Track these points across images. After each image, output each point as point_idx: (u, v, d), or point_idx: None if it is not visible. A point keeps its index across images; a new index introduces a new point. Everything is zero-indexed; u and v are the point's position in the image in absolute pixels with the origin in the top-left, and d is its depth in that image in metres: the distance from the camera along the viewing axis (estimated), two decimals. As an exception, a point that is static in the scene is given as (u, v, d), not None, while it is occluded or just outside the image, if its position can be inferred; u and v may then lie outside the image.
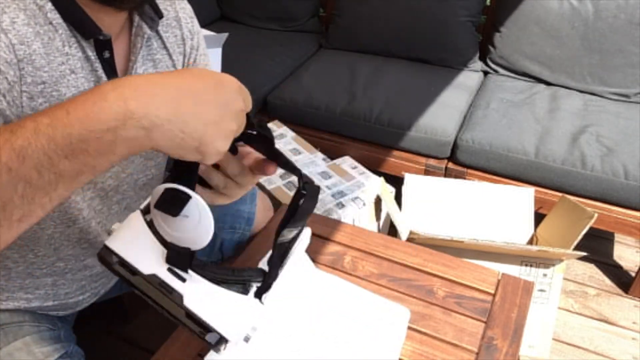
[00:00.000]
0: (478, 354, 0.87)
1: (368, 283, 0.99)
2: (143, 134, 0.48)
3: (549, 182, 1.77)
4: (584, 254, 1.40)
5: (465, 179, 1.86)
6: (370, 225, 1.73)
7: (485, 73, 2.24)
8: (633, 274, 1.85)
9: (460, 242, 1.41)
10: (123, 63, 0.79)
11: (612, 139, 1.77)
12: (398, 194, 1.77)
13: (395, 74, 2.12)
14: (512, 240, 1.65)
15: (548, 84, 2.10)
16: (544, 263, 1.49)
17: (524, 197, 1.72)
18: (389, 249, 1.07)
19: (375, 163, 1.98)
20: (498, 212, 1.71)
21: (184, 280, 0.54)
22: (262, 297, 0.58)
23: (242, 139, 0.58)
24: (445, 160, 1.92)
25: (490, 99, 2.01)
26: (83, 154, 0.47)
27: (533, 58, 2.10)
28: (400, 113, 1.92)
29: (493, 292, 0.99)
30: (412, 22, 2.19)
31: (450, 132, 1.87)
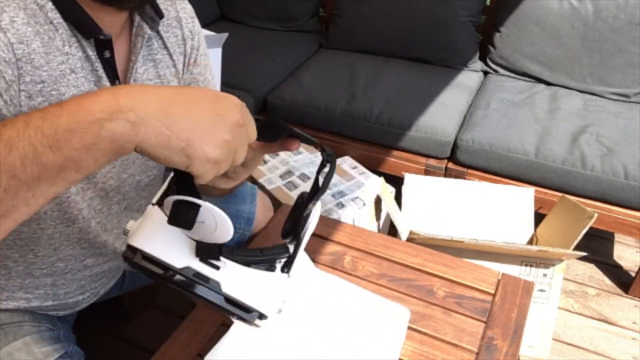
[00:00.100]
0: (478, 354, 0.87)
1: (368, 283, 0.99)
2: (129, 128, 0.48)
3: (549, 182, 1.77)
4: (584, 254, 1.40)
5: (465, 179, 1.86)
6: (370, 225, 1.73)
7: (485, 73, 2.24)
8: (633, 274, 1.85)
9: (460, 242, 1.41)
10: (123, 63, 0.79)
11: (612, 139, 1.77)
12: (398, 194, 1.77)
13: (395, 74, 2.13)
14: (512, 240, 1.65)
15: (548, 84, 2.10)
16: (544, 263, 1.49)
17: (524, 197, 1.72)
18: (389, 249, 1.07)
19: (375, 163, 1.98)
20: (498, 212, 1.71)
21: (218, 268, 0.55)
22: (289, 271, 0.60)
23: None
24: (445, 160, 1.92)
25: (490, 99, 2.01)
26: (67, 146, 0.47)
27: (533, 58, 2.10)
28: (400, 113, 1.92)
29: (493, 292, 0.99)
30: (412, 22, 2.19)
31: (450, 132, 1.87)
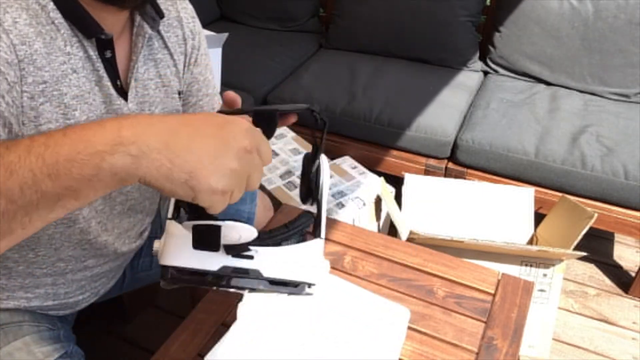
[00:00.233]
0: (478, 354, 0.87)
1: (368, 283, 0.99)
2: (130, 162, 0.47)
3: (549, 182, 1.77)
4: (584, 254, 1.40)
5: (465, 179, 1.86)
6: (370, 225, 1.73)
7: (485, 73, 2.24)
8: (633, 274, 1.85)
9: (460, 242, 1.41)
10: (124, 63, 0.79)
11: (612, 139, 1.77)
12: (398, 194, 1.77)
13: (395, 74, 2.13)
14: (512, 240, 1.65)
15: (548, 84, 2.10)
16: (544, 263, 1.49)
17: (524, 197, 1.72)
18: (389, 249, 1.07)
19: (375, 163, 1.98)
20: (498, 212, 1.71)
21: (252, 258, 0.56)
22: (319, 233, 0.62)
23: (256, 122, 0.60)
24: (445, 160, 1.92)
25: (490, 99, 2.01)
26: (67, 176, 0.46)
27: (533, 58, 2.10)
28: (400, 113, 1.92)
29: (493, 292, 0.99)
30: (412, 22, 2.19)
31: (450, 132, 1.87)
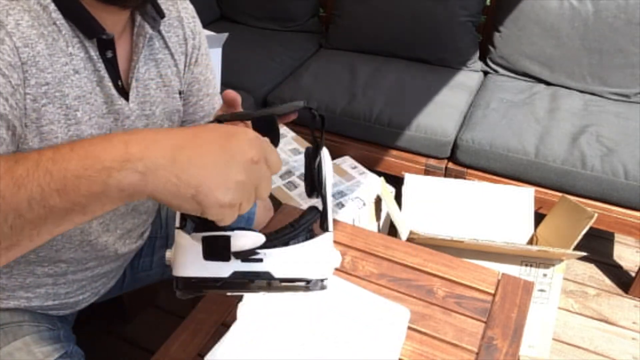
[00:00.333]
0: (478, 354, 0.87)
1: (368, 283, 1.00)
2: (138, 179, 0.47)
3: (549, 182, 1.77)
4: (584, 254, 1.40)
5: (465, 179, 1.86)
6: (370, 225, 1.73)
7: (485, 73, 2.24)
8: (633, 274, 1.85)
9: (460, 242, 1.41)
10: (125, 63, 0.79)
11: (612, 139, 1.77)
12: (398, 194, 1.77)
13: (395, 74, 2.12)
14: (512, 240, 1.65)
15: (548, 84, 2.10)
16: (544, 263, 1.49)
17: (524, 197, 1.72)
18: (389, 249, 1.07)
19: (375, 163, 1.98)
20: (498, 212, 1.71)
21: (262, 260, 0.57)
22: (327, 227, 0.62)
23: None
24: (445, 160, 1.92)
25: (490, 99, 2.00)
26: (74, 192, 0.46)
27: (533, 58, 2.10)
28: (400, 113, 1.92)
29: (493, 292, 0.99)
30: (412, 22, 2.19)
31: (450, 132, 1.87)
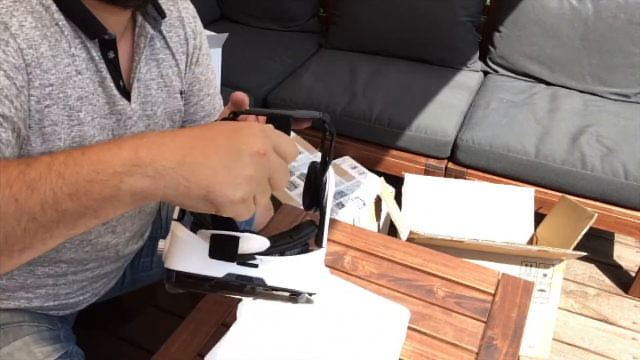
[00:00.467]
0: (478, 354, 0.87)
1: (368, 283, 0.99)
2: (149, 183, 0.47)
3: (549, 182, 1.77)
4: (584, 254, 1.40)
5: (465, 179, 1.86)
6: (370, 225, 1.73)
7: (485, 73, 2.24)
8: (633, 274, 1.85)
9: (460, 242, 1.41)
10: (126, 63, 0.79)
11: (612, 139, 1.77)
12: (398, 194, 1.77)
13: (395, 74, 2.12)
14: (512, 240, 1.65)
15: (548, 84, 2.10)
16: (544, 263, 1.49)
17: (524, 197, 1.72)
18: (389, 249, 1.07)
19: (375, 163, 1.98)
20: (498, 212, 1.71)
21: (257, 266, 0.56)
22: (322, 243, 0.62)
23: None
24: (445, 160, 1.92)
25: (490, 99, 2.00)
26: (87, 196, 0.47)
27: (533, 58, 2.10)
28: (400, 113, 1.92)
29: (493, 292, 0.99)
30: (412, 22, 2.19)
31: (450, 132, 1.87)
